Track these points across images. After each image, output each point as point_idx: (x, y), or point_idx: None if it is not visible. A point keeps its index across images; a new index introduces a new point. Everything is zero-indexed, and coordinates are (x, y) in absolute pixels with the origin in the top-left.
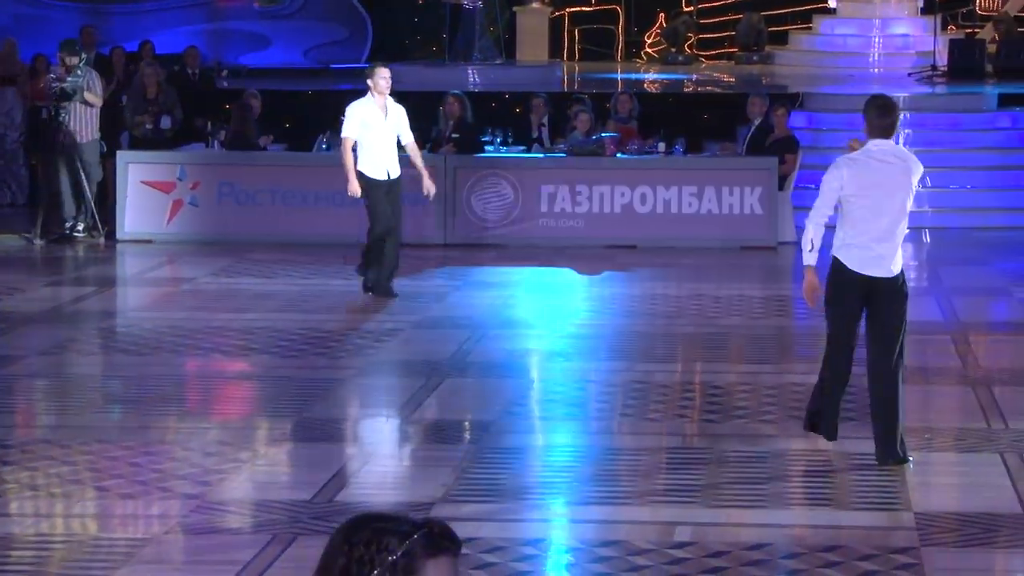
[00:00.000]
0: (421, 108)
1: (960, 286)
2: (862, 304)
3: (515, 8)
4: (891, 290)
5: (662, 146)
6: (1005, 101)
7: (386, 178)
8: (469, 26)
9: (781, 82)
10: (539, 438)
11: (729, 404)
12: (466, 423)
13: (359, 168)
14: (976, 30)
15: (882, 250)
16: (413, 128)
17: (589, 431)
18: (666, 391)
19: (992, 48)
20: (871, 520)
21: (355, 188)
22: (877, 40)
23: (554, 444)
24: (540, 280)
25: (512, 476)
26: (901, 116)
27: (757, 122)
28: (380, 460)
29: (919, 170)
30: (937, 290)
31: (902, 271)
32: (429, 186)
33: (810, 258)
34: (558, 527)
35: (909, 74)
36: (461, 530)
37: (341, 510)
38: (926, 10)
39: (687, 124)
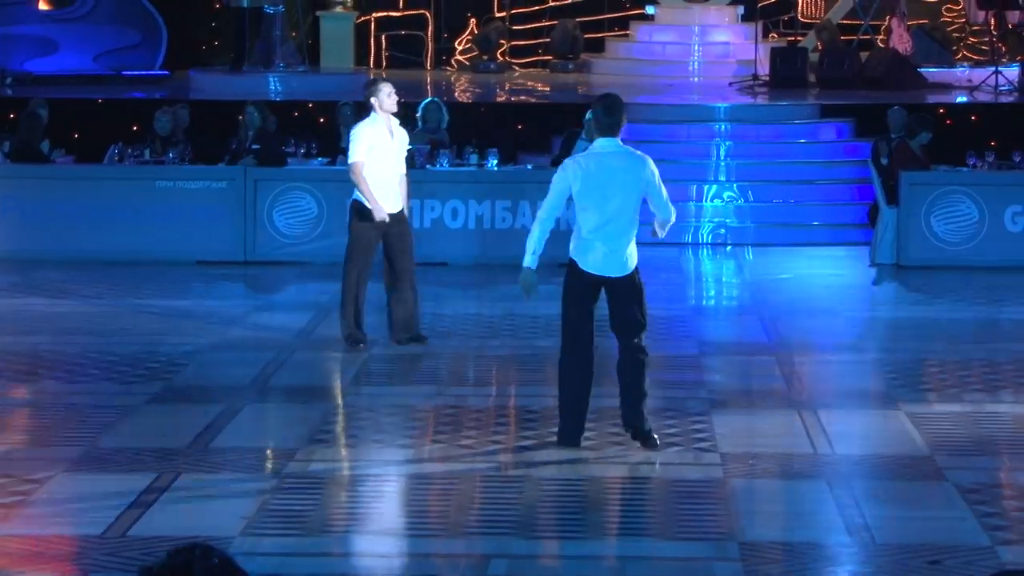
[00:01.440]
0: (219, 118)
1: (784, 305)
2: (596, 302)
3: (319, 12)
4: (625, 288)
5: (474, 158)
6: (828, 112)
7: (389, 212)
8: (269, 31)
9: (597, 91)
10: (346, 466)
11: (545, 429)
12: (268, 451)
13: (355, 197)
14: (798, 38)
15: (613, 248)
16: (212, 139)
17: (399, 459)
18: (480, 416)
19: (815, 57)
20: (694, 551)
21: (383, 213)
22: (697, 48)
23: (362, 473)
24: None
25: (318, 507)
26: (626, 116)
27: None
28: (177, 492)
29: (649, 166)
30: (760, 309)
31: (636, 268)
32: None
33: (531, 260)
34: (366, 561)
35: (730, 83)
36: (262, 565)
37: (134, 545)
38: (747, 17)
39: (500, 135)
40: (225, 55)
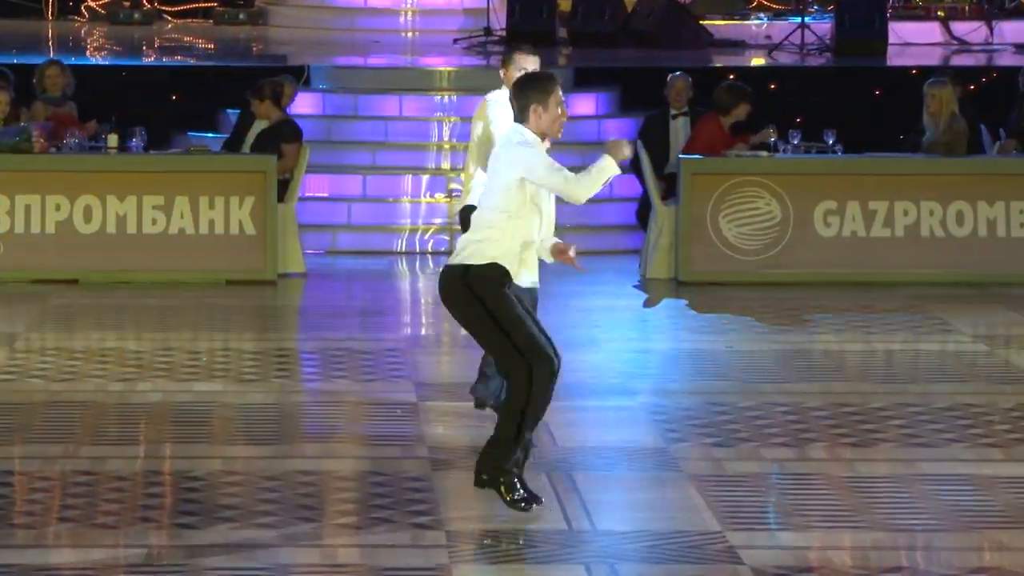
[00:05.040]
0: None
1: None
2: None
3: None
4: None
5: (114, 139)
6: (584, 78)
7: None
8: None
9: (278, 50)
10: None
11: (212, 501)
12: None
13: None
14: None
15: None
16: None
17: (12, 543)
18: (122, 485)
19: (565, 5)
20: None
21: None
22: None
23: None
24: None
25: None
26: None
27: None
28: None
29: None
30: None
31: None
32: None
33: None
34: None
35: (455, 40)
36: None
37: None
38: None
39: (149, 108)
40: None
